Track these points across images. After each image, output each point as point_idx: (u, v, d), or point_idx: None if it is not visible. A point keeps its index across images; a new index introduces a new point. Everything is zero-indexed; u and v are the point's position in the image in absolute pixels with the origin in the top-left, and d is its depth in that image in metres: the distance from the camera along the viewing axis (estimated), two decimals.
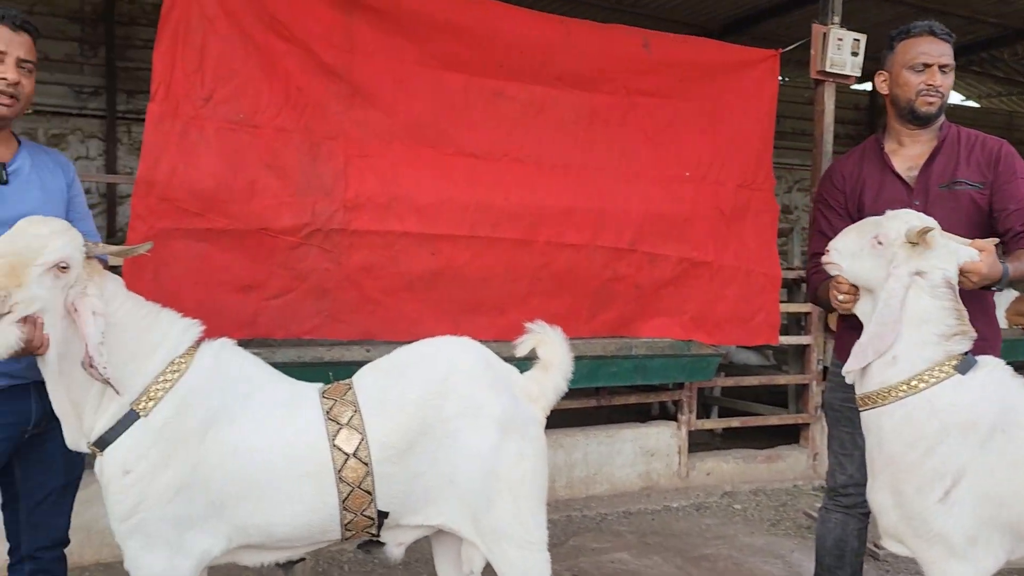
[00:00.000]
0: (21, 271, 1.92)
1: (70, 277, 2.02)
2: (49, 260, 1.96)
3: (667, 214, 4.61)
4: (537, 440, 2.37)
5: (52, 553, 2.47)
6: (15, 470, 2.39)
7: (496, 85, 4.21)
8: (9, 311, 1.90)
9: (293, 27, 3.63)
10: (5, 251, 1.93)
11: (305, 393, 2.33)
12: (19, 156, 2.35)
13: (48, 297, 1.97)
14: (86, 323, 2.00)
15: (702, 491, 5.02)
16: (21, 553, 2.44)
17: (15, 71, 2.25)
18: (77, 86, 8.32)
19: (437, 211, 3.98)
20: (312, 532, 2.25)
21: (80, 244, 2.06)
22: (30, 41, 2.30)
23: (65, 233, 2.04)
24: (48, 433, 2.34)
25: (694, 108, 4.79)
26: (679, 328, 4.76)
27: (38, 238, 1.98)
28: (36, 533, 2.43)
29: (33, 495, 2.40)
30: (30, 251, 1.95)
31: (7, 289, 1.89)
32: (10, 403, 2.26)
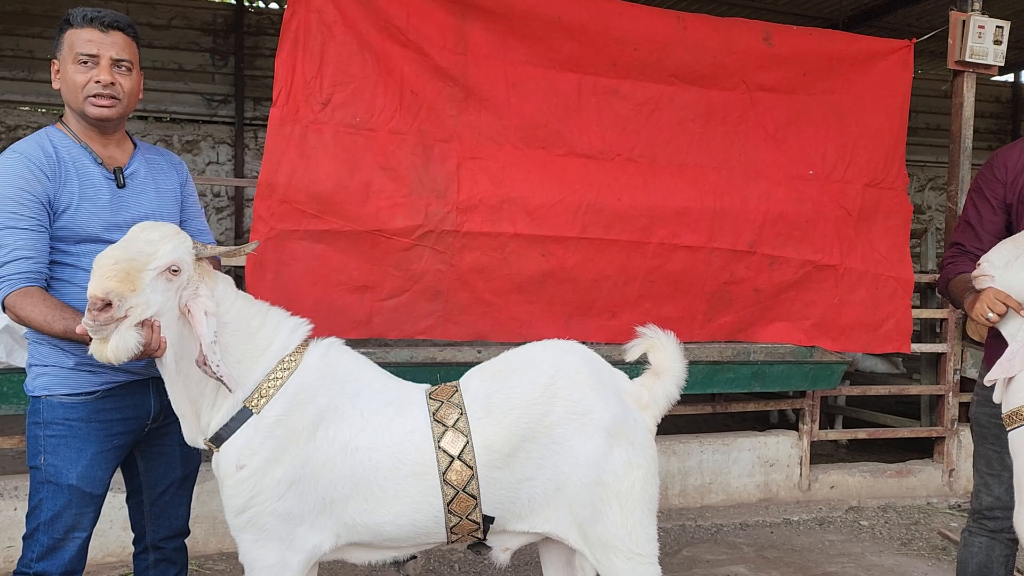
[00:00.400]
0: (135, 276, 1.97)
1: (182, 279, 2.07)
2: (161, 264, 2.01)
3: (789, 215, 4.42)
4: (647, 448, 2.28)
5: (174, 543, 2.56)
6: (137, 463, 2.48)
7: (609, 84, 4.14)
8: (126, 315, 1.96)
9: (408, 31, 3.67)
10: (119, 257, 1.99)
11: (412, 393, 2.33)
12: (135, 159, 2.40)
13: (162, 300, 2.02)
14: (199, 323, 2.05)
15: (825, 505, 4.78)
16: (145, 543, 2.53)
17: (109, 72, 2.24)
18: (208, 94, 8.75)
19: (548, 213, 3.94)
20: (417, 532, 2.24)
21: (190, 247, 2.11)
22: (124, 40, 2.28)
23: (175, 237, 2.09)
24: (166, 427, 2.43)
25: (819, 103, 4.58)
26: (801, 334, 4.56)
27: (150, 243, 2.03)
28: (158, 523, 2.52)
29: (154, 487, 2.49)
30: (142, 256, 2.00)
31: (122, 294, 1.94)
32: (131, 398, 2.35)
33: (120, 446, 2.36)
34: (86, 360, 2.23)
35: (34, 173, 2.18)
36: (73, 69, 2.24)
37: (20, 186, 2.16)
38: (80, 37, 2.24)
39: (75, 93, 2.25)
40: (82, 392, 2.27)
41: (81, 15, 2.25)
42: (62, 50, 2.27)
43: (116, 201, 2.30)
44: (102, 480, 2.32)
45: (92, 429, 2.28)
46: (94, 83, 2.23)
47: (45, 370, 2.28)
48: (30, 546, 2.28)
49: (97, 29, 2.24)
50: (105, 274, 1.95)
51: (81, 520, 2.30)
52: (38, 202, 2.17)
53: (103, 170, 2.30)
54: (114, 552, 3.62)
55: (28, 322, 2.15)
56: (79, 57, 2.23)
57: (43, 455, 2.26)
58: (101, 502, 2.36)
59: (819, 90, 4.58)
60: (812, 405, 4.86)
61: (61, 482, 2.25)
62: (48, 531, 2.26)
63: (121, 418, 2.33)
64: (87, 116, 2.27)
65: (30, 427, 2.30)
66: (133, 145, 2.44)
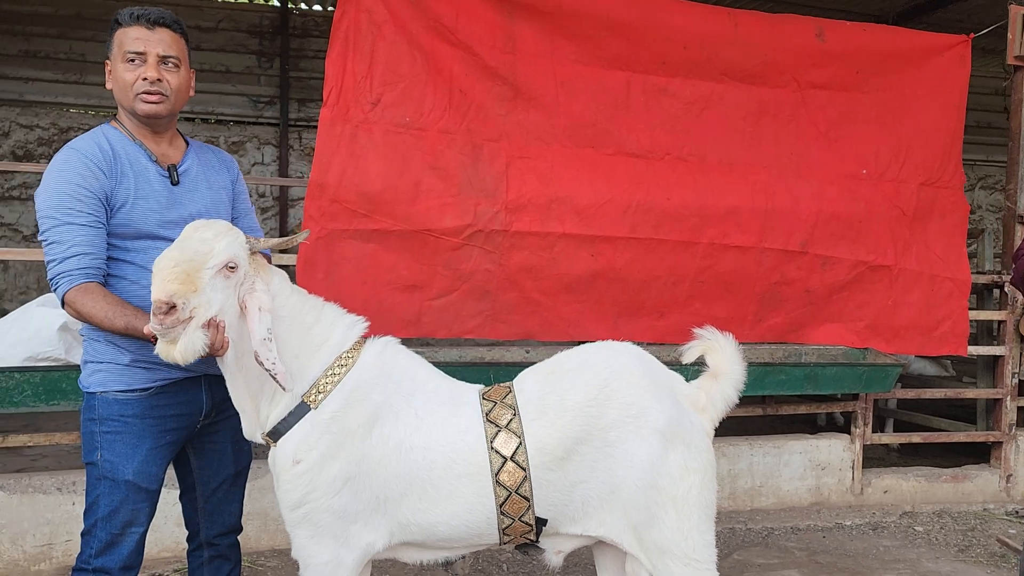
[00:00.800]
0: (195, 276, 1.98)
1: (239, 275, 2.08)
2: (218, 262, 2.02)
3: (842, 214, 4.33)
4: (704, 452, 2.25)
5: (227, 539, 2.58)
6: (190, 460, 2.51)
7: (659, 82, 4.10)
8: (191, 316, 1.97)
9: (457, 30, 3.66)
10: (177, 259, 2.00)
11: (465, 393, 2.33)
12: (187, 156, 2.41)
13: (223, 298, 2.04)
14: (252, 319, 2.06)
15: (878, 510, 4.68)
16: (199, 539, 2.56)
17: (156, 69, 2.26)
18: (254, 96, 8.86)
19: (597, 212, 3.91)
20: (470, 533, 2.23)
21: (243, 242, 2.12)
22: (171, 37, 2.30)
23: (228, 233, 2.10)
24: (218, 424, 2.45)
25: (872, 100, 4.50)
26: (854, 335, 4.48)
27: (204, 242, 2.04)
28: (212, 520, 2.54)
29: (207, 483, 2.52)
30: (199, 256, 2.01)
31: (185, 296, 1.96)
32: (184, 395, 2.37)
33: (173, 442, 2.38)
34: (141, 356, 2.27)
35: (91, 169, 2.20)
36: (122, 68, 2.27)
37: (78, 182, 2.18)
38: (128, 35, 2.26)
39: (125, 91, 2.27)
40: (137, 388, 2.30)
41: (128, 14, 2.27)
42: (112, 50, 2.30)
43: (170, 198, 2.32)
44: (157, 476, 2.35)
45: (147, 425, 2.31)
46: (142, 80, 2.26)
47: (100, 366, 2.31)
48: (88, 542, 2.31)
49: (143, 27, 2.27)
50: (166, 277, 1.97)
51: (138, 515, 2.32)
52: (96, 198, 2.19)
53: (157, 167, 2.32)
54: (168, 547, 3.68)
55: (89, 318, 2.16)
56: (127, 55, 2.26)
57: (99, 451, 2.29)
58: (156, 497, 2.38)
59: (873, 87, 4.49)
60: (865, 408, 4.76)
61: (118, 478, 2.28)
62: (106, 527, 2.29)
63: (175, 414, 2.36)
64: (137, 113, 2.29)
65: (85, 423, 2.33)
66: (185, 143, 2.46)
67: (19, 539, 3.55)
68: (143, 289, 2.19)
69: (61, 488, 3.61)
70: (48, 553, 3.58)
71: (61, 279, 2.17)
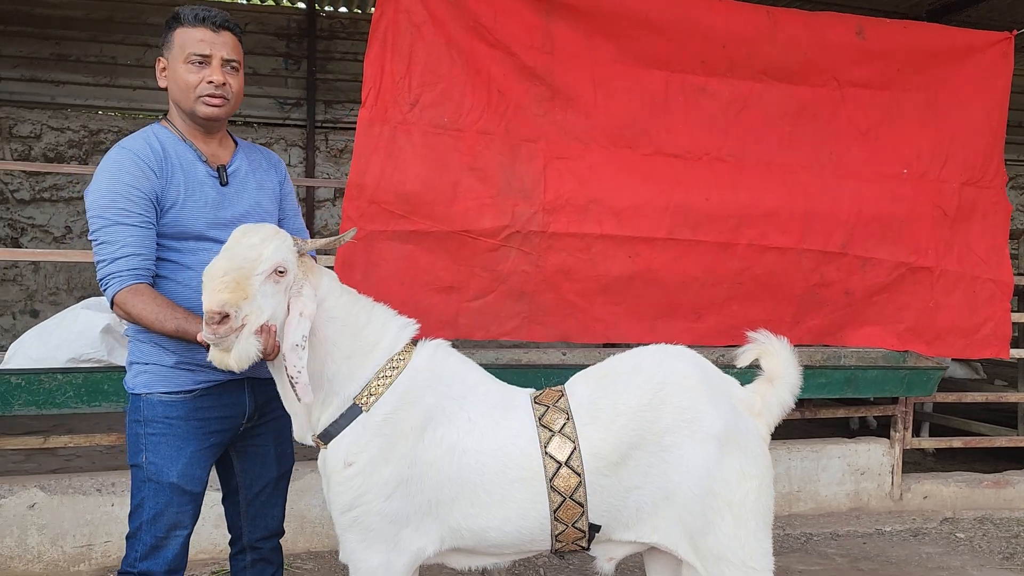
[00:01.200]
0: (245, 284, 1.97)
1: (289, 279, 2.06)
2: (267, 268, 2.00)
3: (882, 215, 4.26)
4: (761, 457, 2.21)
5: (270, 543, 2.57)
6: (233, 464, 2.49)
7: (697, 81, 4.05)
8: (243, 324, 1.96)
9: (495, 30, 3.63)
10: (226, 268, 1.98)
11: (517, 397, 2.30)
12: (236, 157, 2.40)
13: (274, 303, 2.02)
14: (290, 322, 2.04)
15: (918, 516, 4.61)
16: (242, 543, 2.55)
17: (221, 72, 2.26)
18: (281, 98, 8.88)
19: (635, 213, 3.87)
20: (522, 539, 2.20)
21: (291, 245, 2.09)
22: (233, 40, 2.30)
23: (275, 237, 2.07)
24: (261, 427, 2.44)
25: (913, 99, 4.42)
26: (894, 338, 4.40)
27: (252, 248, 2.02)
28: (255, 524, 2.53)
29: (250, 487, 2.50)
30: (248, 263, 1.99)
31: (237, 304, 1.94)
32: (228, 397, 2.35)
33: (216, 444, 2.37)
34: (186, 358, 2.26)
35: (142, 169, 2.19)
36: (184, 69, 2.25)
37: (129, 182, 2.17)
38: (192, 37, 2.24)
39: (186, 93, 2.25)
40: (181, 390, 2.29)
41: (193, 14, 2.25)
42: (171, 49, 2.27)
43: (219, 198, 2.31)
44: (201, 478, 2.34)
45: (191, 427, 2.29)
46: (206, 83, 2.24)
47: (145, 368, 2.30)
48: (133, 545, 2.30)
49: (209, 29, 2.25)
50: (216, 287, 1.95)
51: (182, 518, 2.31)
52: (146, 199, 2.18)
53: (207, 168, 2.31)
54: (206, 549, 3.67)
55: (139, 319, 2.15)
56: (191, 57, 2.24)
57: (144, 453, 2.28)
58: (200, 500, 2.37)
59: (913, 86, 4.42)
60: (905, 412, 4.69)
61: (163, 480, 2.27)
62: (151, 530, 2.28)
63: (218, 416, 2.34)
64: (197, 115, 2.28)
65: (130, 424, 2.32)
66: (234, 143, 2.44)
67: (59, 540, 3.56)
68: (191, 290, 2.19)
69: (101, 489, 3.62)
70: (87, 554, 3.59)
71: (111, 280, 2.16)
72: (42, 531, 3.54)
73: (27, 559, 3.52)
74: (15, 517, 3.51)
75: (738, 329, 4.18)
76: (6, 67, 8.09)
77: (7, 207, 8.32)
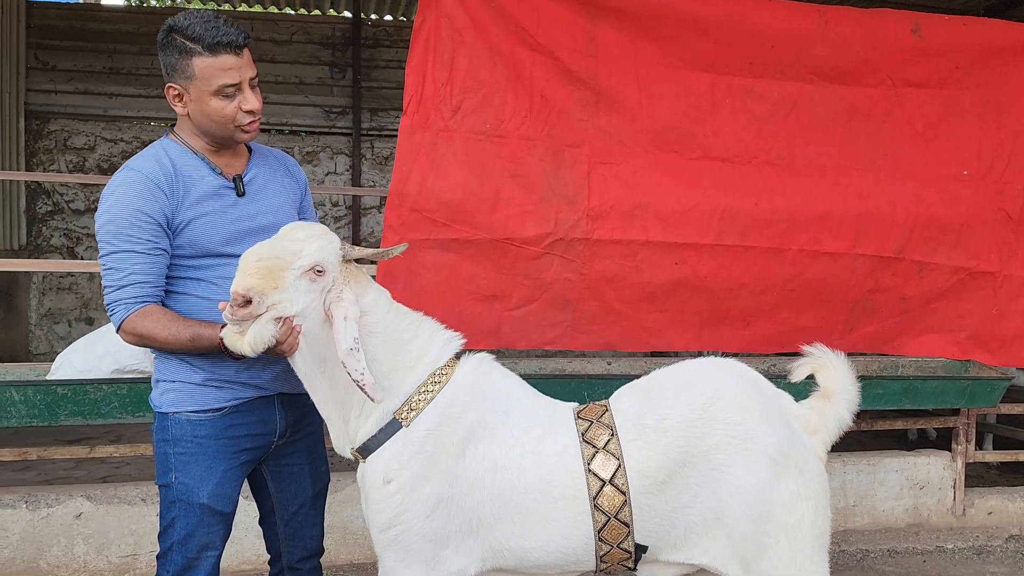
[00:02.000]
0: (277, 274, 1.95)
1: (327, 280, 2.02)
2: (305, 264, 1.98)
3: (941, 218, 4.09)
4: (817, 477, 2.11)
5: (310, 563, 2.51)
6: (267, 484, 2.43)
7: (745, 83, 3.93)
8: (266, 311, 1.94)
9: (538, 35, 3.57)
10: (263, 255, 1.97)
11: (560, 412, 2.23)
12: (252, 164, 2.32)
13: (306, 300, 1.99)
14: (337, 329, 1.99)
15: (982, 533, 4.41)
16: (281, 564, 2.50)
17: (254, 97, 2.17)
18: (327, 107, 8.93)
19: (682, 219, 3.76)
20: (565, 560, 2.13)
21: (336, 248, 2.05)
22: (248, 54, 2.16)
23: (322, 237, 2.04)
24: (294, 444, 2.38)
25: (973, 98, 4.23)
26: (955, 347, 4.23)
27: (295, 242, 2.00)
28: (292, 544, 2.47)
29: (287, 507, 2.44)
30: (287, 255, 1.97)
31: (263, 291, 1.93)
32: (257, 414, 2.29)
33: (246, 463, 2.32)
34: (213, 376, 2.21)
35: (152, 192, 2.10)
36: (217, 101, 2.12)
37: (137, 207, 2.08)
38: (217, 67, 2.09)
39: (223, 125, 2.15)
40: (209, 409, 2.23)
41: (211, 40, 2.08)
42: (192, 80, 2.11)
43: (236, 210, 2.23)
44: (231, 497, 2.29)
45: (220, 446, 2.24)
46: (243, 112, 2.15)
47: (172, 386, 2.24)
48: (164, 566, 2.26)
49: (232, 54, 2.10)
50: (247, 271, 1.94)
51: (213, 539, 2.27)
52: (155, 223, 2.10)
53: (222, 179, 2.23)
54: (249, 560, 3.67)
55: (152, 340, 2.11)
56: (224, 90, 2.11)
57: (173, 472, 2.23)
58: (231, 520, 2.33)
59: (973, 84, 4.23)
60: (967, 424, 4.50)
61: (193, 501, 2.22)
62: (182, 551, 2.24)
63: (248, 435, 2.29)
64: (235, 141, 2.22)
65: (158, 444, 2.26)
66: (248, 150, 2.36)
67: (104, 549, 3.58)
68: (213, 305, 2.12)
69: (145, 499, 3.64)
70: (132, 564, 3.61)
71: (117, 306, 2.11)
72: (88, 540, 3.56)
73: (73, 568, 3.54)
74: (62, 527, 3.54)
75: (788, 337, 4.11)
76: (61, 81, 8.28)
77: (63, 217, 8.50)
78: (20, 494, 3.56)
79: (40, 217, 8.46)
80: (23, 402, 3.15)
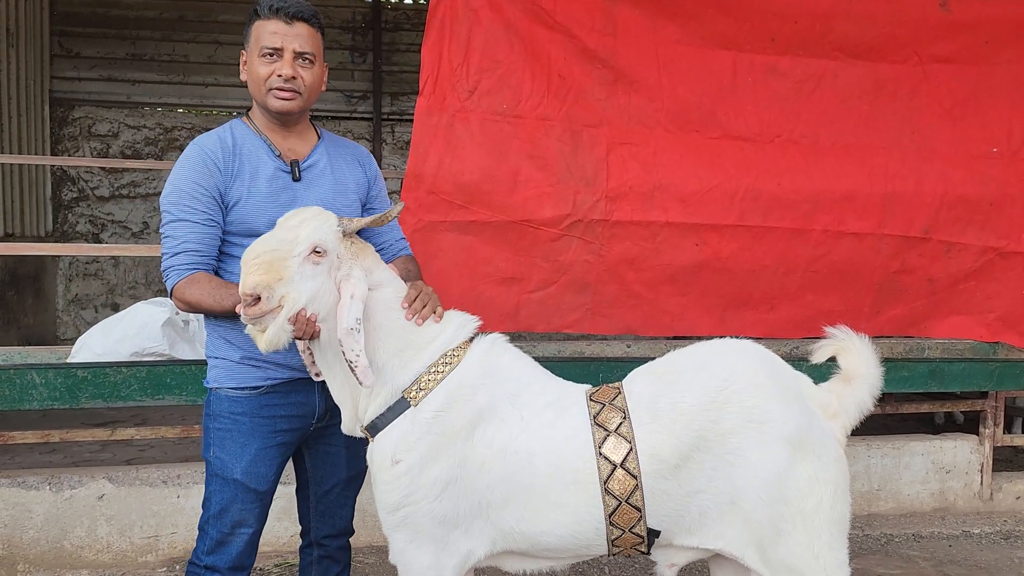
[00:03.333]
0: (279, 266, 1.93)
1: (331, 259, 2.00)
2: (303, 249, 1.95)
3: (969, 197, 3.99)
4: (836, 462, 2.06)
5: (337, 542, 2.53)
6: (305, 459, 2.47)
7: (767, 61, 3.85)
8: (279, 305, 1.93)
9: (555, 13, 3.52)
10: (260, 250, 1.96)
11: (572, 394, 2.19)
12: (316, 151, 2.35)
13: (314, 285, 1.96)
14: (341, 306, 1.98)
15: (1010, 517, 4.33)
16: (310, 538, 2.52)
17: (291, 66, 2.21)
18: (348, 91, 8.93)
19: (703, 199, 3.71)
20: (577, 544, 2.10)
21: (333, 226, 2.02)
22: (309, 31, 2.23)
23: (315, 218, 2.01)
24: (333, 427, 2.37)
25: (1003, 74, 4.12)
26: (983, 328, 4.14)
27: (290, 230, 1.98)
28: (323, 521, 2.49)
29: (320, 485, 2.47)
30: (284, 244, 1.96)
31: (269, 285, 1.91)
32: (296, 396, 2.31)
33: (284, 443, 2.34)
34: (251, 354, 2.23)
35: (207, 166, 2.19)
36: (258, 62, 2.23)
37: (194, 179, 2.18)
38: (266, 29, 2.21)
39: (259, 85, 2.23)
40: (247, 386, 2.27)
41: (268, 5, 2.21)
42: (249, 42, 2.25)
43: (288, 194, 2.25)
44: (266, 476, 2.31)
45: (256, 424, 2.27)
46: (276, 76, 2.21)
47: (216, 363, 2.31)
48: (201, 539, 2.31)
49: (282, 20, 2.20)
50: (248, 269, 1.94)
51: (247, 516, 2.29)
52: (210, 196, 2.19)
53: (280, 163, 2.27)
54: (269, 542, 3.68)
55: (198, 305, 2.15)
56: (264, 50, 2.21)
57: (212, 447, 2.29)
58: (268, 499, 2.35)
59: (1003, 59, 4.11)
60: (995, 407, 4.42)
61: (227, 476, 2.27)
62: (216, 525, 2.28)
63: (285, 415, 2.31)
64: (268, 108, 2.25)
65: (204, 418, 2.34)
66: (317, 136, 2.39)
67: (127, 530, 3.62)
68: None
69: (167, 481, 3.66)
70: (154, 545, 3.64)
71: (171, 272, 2.18)
72: (111, 522, 3.60)
73: (96, 549, 3.58)
74: (85, 508, 3.58)
75: (814, 321, 4.03)
76: (84, 68, 8.34)
77: (88, 204, 8.59)
78: (44, 476, 3.60)
79: (65, 204, 8.56)
80: (44, 385, 3.18)
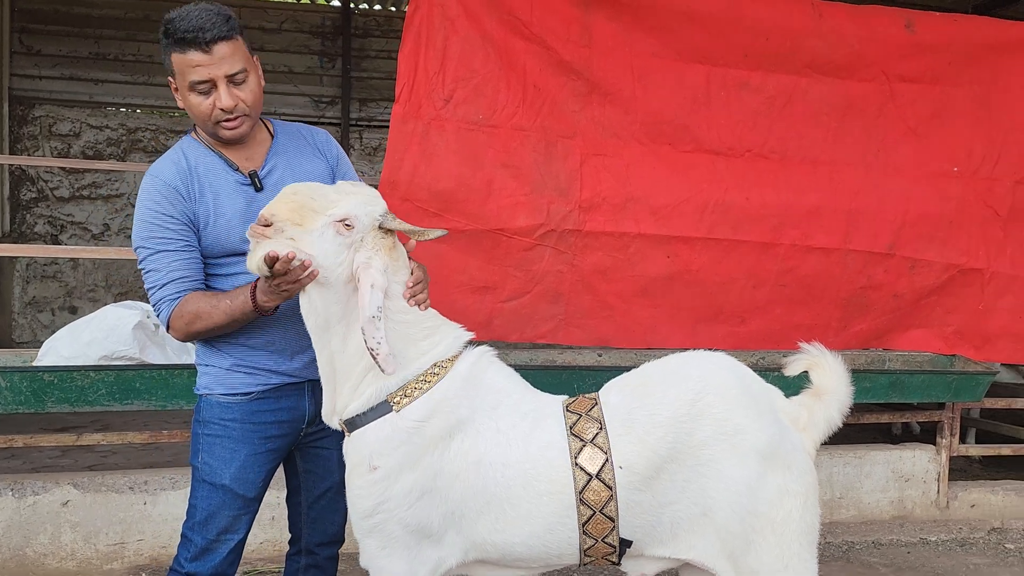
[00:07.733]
0: (307, 214, 1.94)
1: (354, 236, 1.98)
2: (339, 213, 1.96)
3: (931, 214, 4.10)
4: (806, 474, 2.10)
5: (327, 550, 2.51)
6: (297, 463, 2.45)
7: (740, 76, 3.92)
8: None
9: (532, 24, 3.55)
10: (300, 191, 1.98)
11: (549, 405, 2.21)
12: (270, 155, 2.28)
13: (328, 250, 1.95)
14: (363, 294, 1.96)
15: (965, 525, 4.45)
16: (300, 545, 2.50)
17: (229, 94, 2.09)
18: (317, 96, 8.88)
19: (674, 212, 3.76)
20: (549, 554, 2.12)
21: (376, 212, 2.01)
22: (231, 47, 2.07)
23: (365, 196, 2.02)
24: (323, 432, 2.36)
25: (964, 94, 4.24)
26: (941, 341, 4.25)
27: (338, 193, 2.00)
28: (314, 527, 2.48)
29: (312, 490, 2.45)
30: (323, 200, 1.97)
31: (285, 223, 1.92)
32: (286, 401, 2.31)
33: (274, 449, 2.33)
34: (242, 361, 2.24)
35: (169, 195, 2.16)
36: (192, 96, 2.11)
37: (159, 210, 2.15)
38: (187, 63, 2.07)
39: (203, 120, 2.16)
40: (237, 393, 2.26)
41: (178, 39, 2.05)
42: (174, 74, 2.13)
43: (254, 207, 2.18)
44: (255, 483, 2.30)
45: (246, 431, 2.27)
46: (219, 110, 2.12)
47: (206, 369, 2.29)
48: (184, 545, 2.29)
49: (200, 51, 2.05)
50: (281, 198, 1.97)
51: (234, 523, 2.28)
52: (180, 223, 2.16)
53: (239, 175, 2.23)
54: None
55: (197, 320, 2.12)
56: (193, 84, 2.09)
57: (200, 454, 2.27)
58: (256, 506, 2.34)
59: (965, 81, 4.24)
60: (952, 417, 4.53)
61: (216, 482, 2.25)
62: (202, 532, 2.26)
63: (275, 421, 2.30)
64: (220, 139, 2.20)
65: (194, 424, 2.33)
66: (270, 135, 2.32)
67: (92, 537, 3.56)
68: None
69: (134, 487, 3.61)
70: (120, 552, 3.59)
71: (162, 304, 2.16)
72: (75, 529, 3.54)
73: (60, 556, 3.52)
74: (49, 515, 3.51)
75: (784, 334, 4.11)
76: (46, 66, 8.19)
77: (47, 204, 8.42)
78: (6, 482, 3.53)
79: (24, 204, 8.38)
80: (9, 388, 3.12)
